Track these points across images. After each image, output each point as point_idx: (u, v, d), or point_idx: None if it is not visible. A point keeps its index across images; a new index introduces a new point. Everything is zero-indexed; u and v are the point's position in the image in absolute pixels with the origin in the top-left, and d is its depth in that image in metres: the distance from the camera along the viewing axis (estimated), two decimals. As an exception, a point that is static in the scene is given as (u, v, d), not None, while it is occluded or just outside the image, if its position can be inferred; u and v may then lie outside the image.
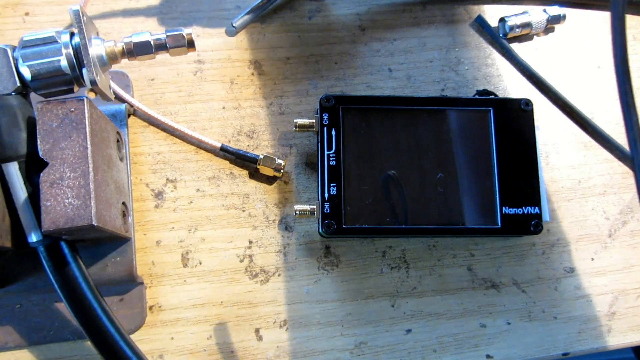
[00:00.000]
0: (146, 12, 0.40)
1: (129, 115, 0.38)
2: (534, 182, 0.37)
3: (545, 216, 0.37)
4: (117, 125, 0.35)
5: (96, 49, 0.29)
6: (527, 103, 0.38)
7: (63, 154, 0.28)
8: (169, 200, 0.37)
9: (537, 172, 0.37)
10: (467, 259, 0.38)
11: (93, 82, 0.28)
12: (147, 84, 0.39)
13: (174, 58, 0.39)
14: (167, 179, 0.37)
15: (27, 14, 0.40)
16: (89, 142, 0.28)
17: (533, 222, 0.36)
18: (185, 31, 0.30)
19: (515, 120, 0.37)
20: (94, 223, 0.27)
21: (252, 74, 0.40)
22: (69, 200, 0.27)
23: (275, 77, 0.40)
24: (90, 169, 0.28)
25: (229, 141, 0.38)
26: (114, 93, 0.37)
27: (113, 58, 0.30)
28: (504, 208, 0.36)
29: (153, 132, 0.38)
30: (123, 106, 0.36)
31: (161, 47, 0.30)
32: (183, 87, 0.39)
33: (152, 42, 0.30)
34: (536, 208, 0.36)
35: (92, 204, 0.27)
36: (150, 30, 0.32)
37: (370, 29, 0.41)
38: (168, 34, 0.30)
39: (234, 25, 0.40)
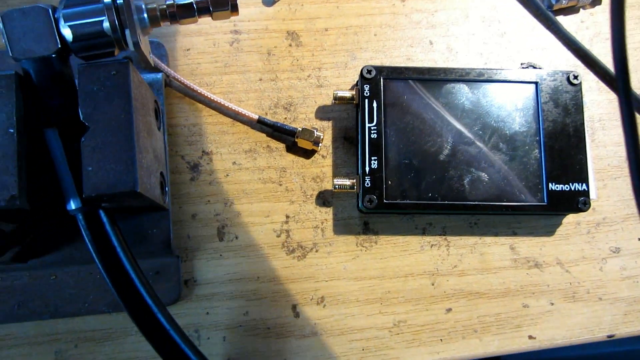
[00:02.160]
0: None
1: (164, 86, 0.37)
2: (582, 158, 0.35)
3: (593, 194, 0.36)
4: (154, 93, 0.34)
5: (138, 11, 0.28)
6: (576, 76, 0.36)
7: (105, 118, 0.27)
8: (204, 173, 0.36)
9: (584, 148, 0.35)
10: (510, 238, 0.36)
11: (136, 45, 0.27)
12: (182, 54, 0.38)
13: (210, 28, 0.38)
14: (203, 152, 0.36)
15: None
16: (132, 107, 0.27)
17: (580, 200, 0.35)
18: (229, -6, 0.29)
19: (562, 93, 0.36)
20: (137, 189, 0.26)
21: (290, 45, 0.38)
22: (112, 165, 0.26)
23: (313, 48, 0.38)
24: (134, 134, 0.27)
25: (266, 113, 0.37)
26: (151, 64, 0.36)
27: (155, 21, 0.29)
28: (550, 184, 0.35)
29: (188, 103, 0.37)
30: (160, 75, 0.35)
31: (204, 10, 0.29)
32: (219, 58, 0.38)
33: (195, 4, 0.29)
34: (584, 185, 0.35)
35: (135, 169, 0.26)
36: None
37: (410, 0, 0.40)
38: (211, -4, 0.29)
39: (270, -5, 0.38)
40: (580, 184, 0.35)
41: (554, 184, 0.35)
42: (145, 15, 0.29)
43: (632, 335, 0.36)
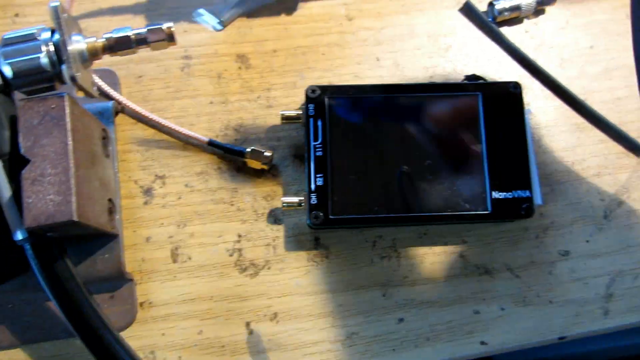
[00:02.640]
0: (134, 9, 0.40)
1: (117, 113, 0.38)
2: (524, 166, 0.36)
3: (537, 199, 0.36)
4: (104, 123, 0.35)
5: (76, 45, 0.29)
6: (516, 86, 0.37)
7: (44, 151, 0.28)
8: (158, 197, 0.37)
9: (527, 156, 0.36)
10: (459, 246, 0.37)
11: (73, 79, 0.28)
12: (135, 81, 0.39)
13: (161, 54, 0.39)
14: (156, 175, 0.37)
15: (17, 15, 0.40)
16: (69, 139, 0.28)
17: (524, 206, 0.36)
18: (165, 25, 0.30)
19: (504, 103, 0.37)
20: (75, 219, 0.27)
21: (239, 68, 0.40)
22: (50, 196, 0.27)
23: (262, 70, 0.40)
24: (71, 165, 0.28)
25: (217, 136, 0.38)
26: (101, 91, 0.37)
27: (94, 54, 0.30)
28: (493, 193, 0.36)
29: (142, 129, 0.38)
30: (110, 104, 0.36)
31: (142, 41, 0.30)
32: (171, 83, 0.39)
33: (132, 37, 0.30)
34: (527, 192, 0.36)
35: (72, 199, 0.27)
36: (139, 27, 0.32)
37: (357, 18, 0.41)
38: (148, 28, 0.30)
39: (221, 19, 0.40)
40: (523, 191, 0.36)
41: (497, 192, 0.36)
42: (84, 49, 0.30)
43: (583, 336, 0.36)
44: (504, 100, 0.37)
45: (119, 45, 0.30)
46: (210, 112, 0.39)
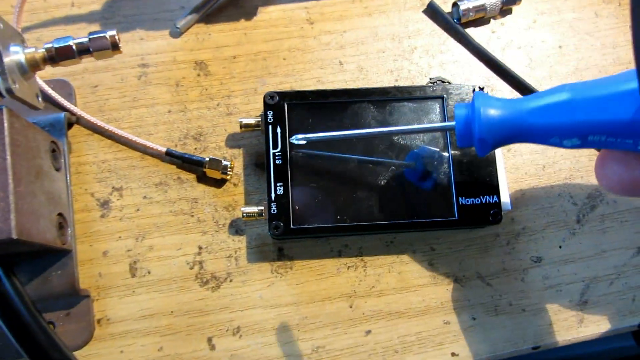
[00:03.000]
0: (88, 17, 0.39)
1: (71, 124, 0.37)
2: (491, 170, 0.35)
3: (506, 205, 0.35)
4: (55, 135, 0.34)
5: (15, 56, 0.28)
6: (481, 88, 0.36)
7: (-18, 167, 0.27)
8: (115, 209, 0.36)
9: (494, 160, 0.35)
10: (428, 254, 0.36)
11: (9, 91, 0.27)
12: (90, 91, 0.38)
13: (117, 63, 0.38)
14: (113, 188, 0.36)
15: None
16: (8, 154, 0.27)
17: (492, 212, 0.34)
18: (109, 33, 0.29)
19: (469, 106, 0.36)
20: (14, 236, 0.26)
21: (198, 75, 0.38)
22: (-13, 213, 0.26)
23: (222, 77, 0.39)
24: (10, 181, 0.27)
25: (176, 145, 0.37)
26: (54, 102, 0.36)
27: (34, 65, 0.29)
28: (460, 199, 0.34)
29: (97, 140, 0.37)
30: (62, 115, 0.35)
31: (85, 51, 0.29)
32: (127, 93, 0.38)
33: (74, 47, 0.29)
34: (494, 197, 0.35)
35: (11, 217, 0.26)
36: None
37: (319, 22, 0.40)
38: (90, 37, 0.29)
39: (177, 26, 0.39)
40: (490, 196, 0.35)
41: (463, 198, 0.34)
42: (23, 59, 0.29)
43: (557, 345, 0.35)
44: (470, 103, 0.36)
45: (61, 56, 0.29)
46: (169, 121, 0.37)
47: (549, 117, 0.27)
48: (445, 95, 0.36)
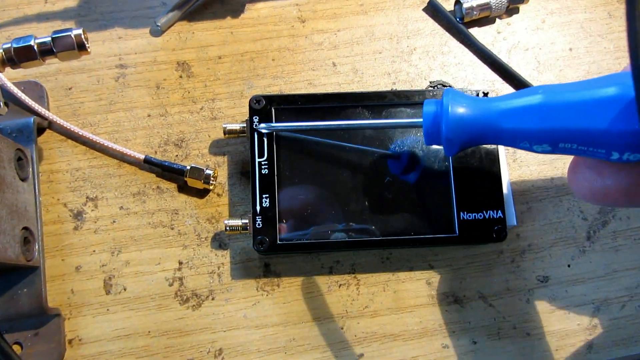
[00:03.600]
0: (63, 15, 0.36)
1: (42, 130, 0.34)
2: (496, 184, 0.32)
3: (511, 220, 0.33)
4: (23, 142, 0.32)
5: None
6: (485, 93, 0.33)
7: None
8: (89, 221, 0.33)
9: (499, 172, 0.32)
10: (426, 272, 0.33)
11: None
12: (64, 93, 0.35)
13: (94, 64, 0.36)
14: (87, 198, 0.34)
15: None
16: (-39, 163, 0.25)
17: (496, 228, 0.32)
18: (74, 32, 0.27)
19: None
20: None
21: (180, 77, 0.36)
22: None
23: (206, 78, 0.36)
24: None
25: (156, 152, 0.34)
26: (25, 106, 0.33)
27: (-7, 67, 0.27)
28: (461, 214, 0.32)
29: (71, 146, 0.34)
30: (31, 119, 0.32)
31: (47, 52, 0.27)
32: (104, 95, 0.35)
33: (35, 47, 0.26)
34: (499, 212, 0.32)
35: (-38, 233, 0.24)
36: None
37: (311, 20, 0.37)
38: (54, 36, 0.26)
39: (158, 24, 0.36)
40: (494, 211, 0.32)
41: (465, 213, 0.32)
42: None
43: (564, 372, 0.33)
44: (473, 109, 0.33)
45: (21, 57, 0.26)
46: (148, 126, 0.35)
47: (519, 121, 0.25)
48: (446, 101, 0.33)
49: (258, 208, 0.31)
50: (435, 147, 0.33)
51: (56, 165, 0.34)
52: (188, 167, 0.33)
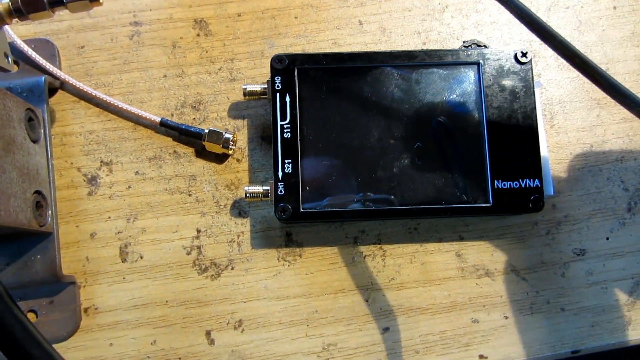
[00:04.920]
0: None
1: (54, 90, 0.33)
2: (533, 150, 0.30)
3: (548, 190, 0.31)
4: (33, 102, 0.30)
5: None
6: (524, 54, 0.31)
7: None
8: (104, 186, 0.32)
9: (536, 138, 0.30)
10: (456, 243, 0.32)
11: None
12: (76, 52, 0.33)
13: (107, 21, 0.34)
14: (102, 162, 0.32)
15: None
16: (-32, 121, 0.23)
17: (532, 198, 0.30)
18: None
19: (509, 75, 0.31)
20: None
21: (198, 35, 0.34)
22: (-57, 192, 0.22)
23: (225, 37, 0.34)
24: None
25: (172, 115, 0.33)
26: (36, 64, 0.32)
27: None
28: (496, 182, 0.30)
29: (84, 107, 0.33)
30: (42, 79, 0.31)
31: (57, 2, 0.25)
32: (118, 54, 0.33)
33: (44, -4, 0.24)
34: (536, 180, 0.30)
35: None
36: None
37: (337, -25, 0.35)
38: (64, -16, 0.24)
39: (174, -22, 0.34)
40: (531, 180, 0.30)
41: (500, 181, 0.30)
42: (-12, 13, 0.24)
43: (601, 350, 0.31)
44: (510, 71, 0.31)
45: (28, 7, 0.24)
46: (164, 87, 0.33)
47: None
48: (481, 61, 0.31)
49: (280, 174, 0.30)
50: (467, 110, 0.30)
51: (69, 127, 0.32)
52: (206, 131, 0.31)
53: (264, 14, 0.34)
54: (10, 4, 0.24)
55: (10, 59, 0.26)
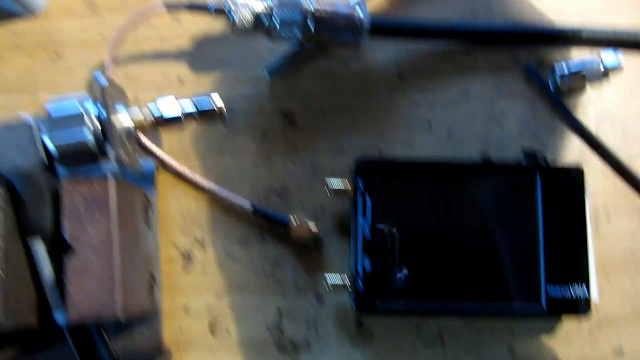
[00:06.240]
0: (176, 55, 0.38)
1: (157, 170, 0.36)
2: (583, 257, 0.34)
3: (594, 295, 0.34)
4: (146, 187, 0.34)
5: (122, 119, 0.28)
6: (578, 173, 0.35)
7: (88, 237, 0.26)
8: (197, 263, 0.35)
9: (586, 247, 0.34)
10: (508, 337, 0.35)
11: (119, 161, 0.27)
12: (176, 134, 0.37)
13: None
14: (196, 240, 0.36)
15: (56, 53, 0.39)
16: (114, 226, 0.27)
17: (580, 300, 0.34)
18: (216, 103, 0.28)
19: (564, 189, 0.35)
20: (119, 315, 0.26)
21: (285, 127, 0.38)
22: (94, 290, 0.26)
23: (309, 130, 0.38)
24: (116, 256, 0.26)
25: (260, 200, 0.36)
26: (144, 147, 0.35)
27: (140, 128, 0.29)
28: (549, 286, 0.33)
29: (182, 188, 0.36)
30: (153, 166, 0.34)
31: (191, 118, 0.29)
32: (213, 140, 0.37)
33: (182, 117, 0.28)
34: (584, 286, 0.34)
35: (117, 296, 0.26)
36: (180, 75, 0.31)
37: (409, 78, 0.39)
38: (200, 110, 0.28)
39: (267, 71, 0.37)
40: (580, 285, 0.34)
41: (553, 286, 0.34)
42: (131, 125, 0.28)
43: None
44: (565, 186, 0.35)
45: (168, 125, 0.28)
46: (253, 174, 0.37)
47: None
48: (540, 178, 0.34)
49: (360, 271, 0.33)
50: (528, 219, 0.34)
51: (168, 205, 0.36)
52: (291, 218, 0.35)
53: (345, 111, 0.38)
54: (155, 121, 0.28)
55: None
